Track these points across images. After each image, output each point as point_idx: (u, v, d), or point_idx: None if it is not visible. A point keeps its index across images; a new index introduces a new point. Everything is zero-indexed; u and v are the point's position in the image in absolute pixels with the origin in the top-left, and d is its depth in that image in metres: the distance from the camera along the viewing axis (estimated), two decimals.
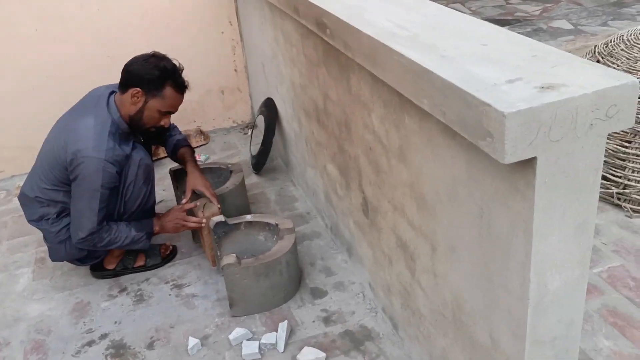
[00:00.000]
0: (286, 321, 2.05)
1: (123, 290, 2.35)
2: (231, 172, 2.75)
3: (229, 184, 2.65)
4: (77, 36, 3.21)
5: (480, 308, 1.36)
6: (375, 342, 1.98)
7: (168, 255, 2.50)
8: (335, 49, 1.87)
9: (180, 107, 2.25)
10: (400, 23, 1.52)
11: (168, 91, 2.16)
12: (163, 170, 3.12)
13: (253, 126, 3.56)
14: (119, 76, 2.18)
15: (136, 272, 2.43)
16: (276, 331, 2.04)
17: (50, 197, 2.22)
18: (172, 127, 2.59)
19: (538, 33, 4.45)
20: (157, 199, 2.87)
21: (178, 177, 2.74)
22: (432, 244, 1.54)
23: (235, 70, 3.64)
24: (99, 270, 2.43)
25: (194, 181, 2.42)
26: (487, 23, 1.47)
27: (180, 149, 2.55)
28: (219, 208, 2.36)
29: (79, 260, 2.35)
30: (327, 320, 2.09)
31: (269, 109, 3.05)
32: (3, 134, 3.26)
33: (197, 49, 3.47)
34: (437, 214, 1.47)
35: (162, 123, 2.24)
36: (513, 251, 1.17)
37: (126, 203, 2.24)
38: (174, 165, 2.67)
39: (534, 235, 1.09)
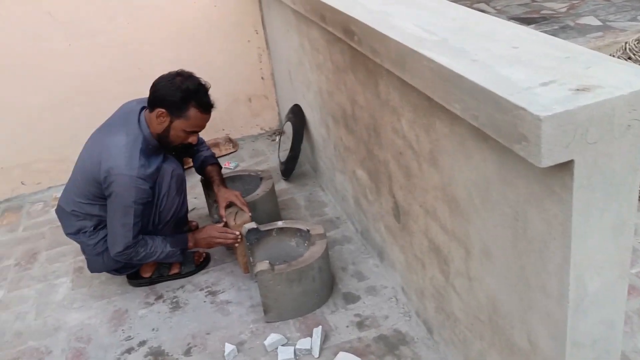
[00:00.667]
0: (320, 326, 2.06)
1: (159, 297, 2.40)
2: (261, 179, 2.78)
3: (260, 191, 2.68)
4: (106, 50, 3.28)
5: (517, 311, 1.36)
6: (410, 346, 1.98)
7: (202, 263, 2.53)
8: (363, 55, 1.88)
9: None
10: (428, 27, 1.52)
11: (192, 112, 2.16)
12: (194, 179, 3.17)
13: (281, 133, 3.58)
14: (148, 88, 2.22)
15: (171, 280, 2.47)
16: (310, 336, 2.05)
17: (87, 211, 2.27)
18: (200, 142, 2.64)
19: (565, 30, 4.39)
20: (189, 207, 2.92)
21: (209, 186, 2.78)
22: (465, 247, 1.53)
23: (262, 77, 3.68)
24: (135, 279, 2.48)
25: (225, 196, 2.47)
26: (516, 24, 1.47)
27: (207, 166, 2.61)
28: (250, 216, 2.39)
29: (116, 271, 2.40)
30: (360, 325, 2.10)
31: (297, 115, 3.08)
32: (38, 146, 3.35)
33: (224, 58, 3.52)
34: (470, 217, 1.46)
35: (189, 140, 2.27)
36: (550, 253, 1.16)
37: (161, 213, 2.28)
38: None
39: (572, 238, 1.08)
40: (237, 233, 2.35)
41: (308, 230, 2.31)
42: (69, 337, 2.25)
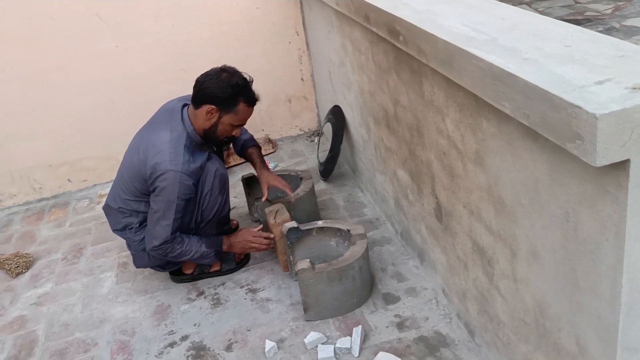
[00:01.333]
0: (360, 326, 2.06)
1: (201, 294, 2.44)
2: (301, 178, 2.80)
3: (300, 191, 2.70)
4: (152, 51, 3.36)
5: (565, 313, 1.34)
6: (451, 348, 1.97)
7: (242, 261, 2.57)
8: (407, 55, 1.89)
9: None
10: (476, 27, 1.52)
11: (241, 106, 2.23)
12: (235, 178, 3.22)
13: (320, 134, 3.60)
14: (192, 88, 2.27)
15: (212, 277, 2.51)
16: (350, 336, 2.06)
17: (133, 207, 2.33)
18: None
19: (610, 32, 4.29)
20: (230, 206, 2.97)
21: (250, 185, 2.82)
22: (512, 248, 1.52)
23: (302, 79, 3.71)
24: (177, 275, 2.52)
25: (266, 178, 2.54)
26: (566, 23, 1.45)
27: (248, 148, 2.67)
28: (292, 196, 2.51)
29: (160, 267, 2.45)
30: (400, 326, 2.09)
31: (337, 116, 3.09)
32: (85, 145, 3.44)
33: (264, 59, 3.56)
34: (517, 218, 1.45)
35: (234, 133, 2.32)
36: (603, 255, 1.14)
37: (203, 212, 2.32)
38: (246, 173, 2.76)
39: (626, 239, 1.06)
40: (272, 236, 2.39)
41: (348, 230, 2.32)
42: (113, 330, 2.31)
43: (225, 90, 2.19)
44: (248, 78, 2.28)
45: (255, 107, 2.32)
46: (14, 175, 3.42)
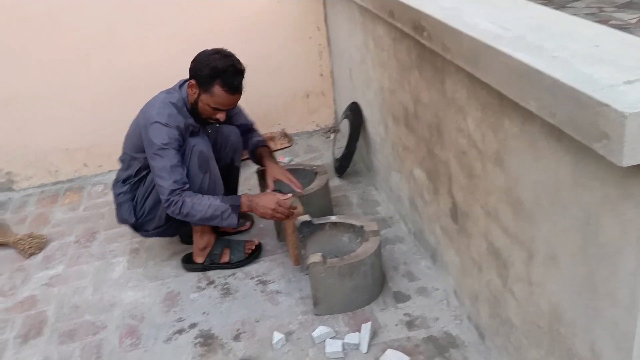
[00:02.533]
0: (370, 322, 2.05)
1: (211, 283, 2.44)
2: (316, 173, 2.80)
3: (314, 185, 2.69)
4: (171, 41, 3.37)
5: (581, 319, 1.31)
6: (460, 350, 1.95)
7: (253, 252, 2.56)
8: (431, 52, 1.87)
9: (266, 110, 2.31)
10: (503, 25, 1.50)
11: (217, 89, 2.24)
12: (249, 171, 3.21)
13: (336, 130, 3.59)
14: None
15: (222, 268, 2.51)
16: (359, 332, 2.04)
17: (125, 159, 2.48)
18: (252, 130, 2.70)
19: None
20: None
21: (264, 178, 2.81)
22: (529, 251, 1.50)
23: (321, 74, 3.70)
24: (188, 263, 2.53)
25: (273, 171, 2.54)
26: (595, 24, 1.43)
27: (258, 148, 2.67)
28: (300, 190, 2.50)
29: (132, 227, 2.54)
30: (410, 325, 2.08)
31: (355, 113, 3.08)
32: (103, 131, 3.46)
33: (285, 54, 3.56)
34: (536, 220, 1.43)
35: (217, 117, 2.34)
36: (624, 260, 1.12)
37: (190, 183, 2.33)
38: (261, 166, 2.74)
39: None
40: (297, 210, 2.35)
41: (362, 227, 2.30)
42: (123, 314, 2.32)
43: (203, 69, 2.24)
44: (236, 65, 2.27)
45: (273, 101, 2.32)
46: (30, 158, 3.45)
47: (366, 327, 2.02)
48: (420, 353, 1.95)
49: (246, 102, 2.58)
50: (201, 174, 2.33)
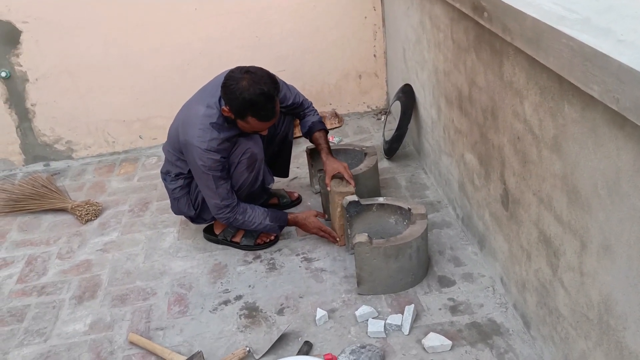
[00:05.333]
0: (413, 305, 2.05)
1: (257, 257, 2.48)
2: (365, 154, 2.79)
3: (363, 166, 2.69)
4: (230, 16, 3.40)
5: (633, 312, 1.28)
6: (504, 337, 1.92)
7: (263, 243, 2.54)
8: (490, 33, 1.83)
9: (318, 89, 2.28)
10: (568, 6, 1.44)
11: (251, 119, 2.21)
12: (299, 148, 3.23)
13: (387, 112, 3.56)
14: (265, 55, 2.25)
15: (231, 246, 2.56)
16: (402, 313, 2.05)
17: (171, 159, 2.48)
18: (307, 106, 2.65)
19: None
20: (291, 176, 2.99)
21: (313, 156, 2.83)
22: (582, 240, 1.46)
23: (375, 55, 3.66)
24: (207, 233, 2.64)
25: (332, 167, 2.50)
26: None
27: (315, 132, 2.62)
28: (353, 187, 2.43)
29: (190, 218, 2.61)
30: (454, 310, 2.07)
31: (407, 95, 3.04)
32: (158, 104, 3.55)
33: (339, 33, 3.54)
34: (592, 209, 1.39)
35: (262, 133, 2.37)
36: None
37: (232, 180, 2.39)
38: (310, 144, 2.74)
39: None
40: (337, 239, 2.45)
41: (409, 209, 2.29)
42: (172, 282, 2.39)
43: (234, 102, 2.18)
44: (267, 92, 2.16)
45: (324, 80, 2.30)
46: (90, 127, 3.57)
47: (409, 309, 2.02)
48: (463, 338, 1.94)
49: (298, 81, 2.60)
50: (247, 173, 2.40)
